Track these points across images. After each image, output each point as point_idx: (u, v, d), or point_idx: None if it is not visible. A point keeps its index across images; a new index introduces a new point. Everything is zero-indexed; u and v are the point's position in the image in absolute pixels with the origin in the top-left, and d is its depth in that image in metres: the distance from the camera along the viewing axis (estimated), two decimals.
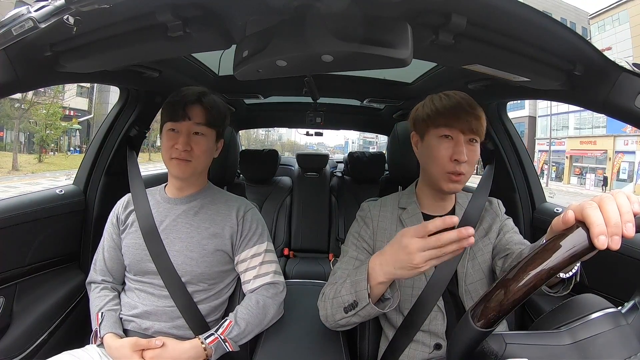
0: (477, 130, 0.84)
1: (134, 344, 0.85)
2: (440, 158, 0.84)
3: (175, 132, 0.94)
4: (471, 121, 0.82)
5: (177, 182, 1.01)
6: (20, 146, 14.46)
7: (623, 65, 0.68)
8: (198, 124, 0.94)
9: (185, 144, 0.92)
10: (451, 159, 0.83)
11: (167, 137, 0.95)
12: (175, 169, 0.95)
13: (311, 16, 0.56)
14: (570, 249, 0.42)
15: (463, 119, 0.82)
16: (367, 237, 0.92)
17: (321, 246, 2.34)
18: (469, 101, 0.85)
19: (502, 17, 0.61)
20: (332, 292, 0.80)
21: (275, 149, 2.48)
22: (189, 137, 0.93)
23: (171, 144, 0.93)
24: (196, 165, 0.96)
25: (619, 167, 17.65)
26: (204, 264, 0.95)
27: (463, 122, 0.82)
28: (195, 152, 0.94)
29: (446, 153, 0.83)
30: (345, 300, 0.75)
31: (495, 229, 0.91)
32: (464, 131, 0.83)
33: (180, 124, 0.93)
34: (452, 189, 0.86)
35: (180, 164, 0.94)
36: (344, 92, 1.84)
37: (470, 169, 0.85)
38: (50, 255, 1.17)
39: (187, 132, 0.93)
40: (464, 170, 0.83)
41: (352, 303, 0.73)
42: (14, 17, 0.57)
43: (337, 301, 0.77)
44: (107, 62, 0.83)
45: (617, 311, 0.47)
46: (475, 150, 0.85)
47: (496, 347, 0.45)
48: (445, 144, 0.84)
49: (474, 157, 0.85)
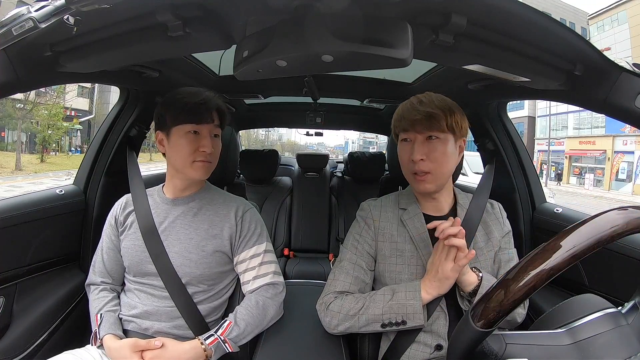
0: (433, 126, 0.83)
1: (134, 345, 0.84)
2: (402, 161, 0.89)
3: (196, 134, 0.94)
4: (421, 120, 0.83)
5: (183, 183, 1.00)
6: (21, 146, 14.43)
7: (623, 65, 0.68)
8: (216, 126, 0.97)
9: (211, 147, 0.94)
10: (409, 160, 0.86)
11: (186, 140, 0.93)
12: (199, 172, 0.95)
13: (311, 16, 0.55)
14: (571, 249, 0.42)
15: (413, 120, 0.84)
16: (369, 239, 0.92)
17: (321, 246, 2.34)
18: (424, 101, 0.86)
19: (502, 17, 0.61)
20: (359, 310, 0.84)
21: (275, 149, 2.48)
22: (211, 139, 0.95)
23: (193, 147, 0.93)
24: (214, 166, 0.99)
25: (618, 167, 17.66)
26: (203, 265, 0.95)
27: (414, 123, 0.85)
28: (215, 154, 0.97)
29: (405, 155, 0.87)
30: (386, 318, 0.82)
31: (497, 235, 0.92)
32: (418, 131, 0.85)
33: (204, 127, 0.94)
34: (422, 189, 0.87)
35: (205, 166, 0.95)
36: (344, 92, 1.84)
37: (436, 165, 0.85)
38: (51, 255, 1.17)
39: (208, 134, 0.95)
40: (427, 168, 0.84)
41: (397, 322, 0.81)
42: (14, 17, 0.57)
43: (373, 318, 0.83)
44: (107, 62, 0.83)
45: (617, 311, 0.47)
46: (435, 146, 0.84)
47: (496, 347, 0.45)
48: (405, 147, 0.88)
49: (437, 154, 0.84)
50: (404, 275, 0.88)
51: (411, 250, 0.89)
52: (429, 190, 0.87)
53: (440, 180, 0.87)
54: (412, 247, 0.89)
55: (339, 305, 0.86)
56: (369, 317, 0.83)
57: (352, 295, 0.88)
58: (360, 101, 2.00)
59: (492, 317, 0.43)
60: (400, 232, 0.91)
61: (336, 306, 0.86)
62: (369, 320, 0.83)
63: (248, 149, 2.42)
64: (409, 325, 0.81)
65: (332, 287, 0.90)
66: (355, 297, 0.87)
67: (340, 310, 0.85)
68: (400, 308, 0.81)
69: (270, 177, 2.37)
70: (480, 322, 0.43)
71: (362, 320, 0.84)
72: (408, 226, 0.90)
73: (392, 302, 0.82)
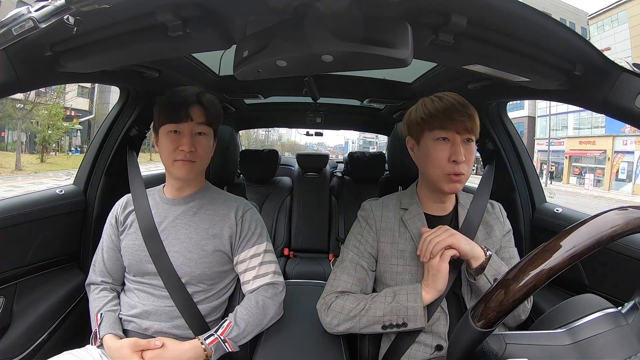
0: (471, 129, 0.84)
1: (134, 345, 0.84)
2: (439, 160, 0.85)
3: (177, 133, 0.93)
4: (465, 121, 0.83)
5: (177, 183, 1.01)
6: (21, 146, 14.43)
7: (623, 66, 0.68)
8: (200, 124, 0.94)
9: (190, 145, 0.92)
10: (449, 160, 0.84)
11: (168, 140, 0.94)
12: (180, 171, 0.94)
13: (311, 16, 0.55)
14: (571, 249, 0.42)
15: (457, 120, 0.83)
16: (371, 239, 0.92)
17: (321, 246, 2.34)
18: (461, 101, 0.85)
19: (502, 17, 0.61)
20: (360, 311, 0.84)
21: (275, 149, 2.48)
22: (192, 138, 0.93)
23: (174, 146, 0.93)
24: (200, 165, 0.97)
25: (617, 167, 17.66)
26: (203, 264, 0.95)
27: (457, 123, 0.83)
28: (199, 152, 0.94)
29: (444, 155, 0.84)
30: (387, 319, 0.82)
31: (498, 235, 0.92)
32: (459, 132, 0.84)
33: (183, 125, 0.93)
34: (453, 189, 0.86)
35: (186, 165, 0.94)
36: (344, 92, 1.84)
37: (469, 168, 0.86)
38: (51, 255, 1.17)
39: (189, 132, 0.93)
40: (463, 170, 0.84)
41: (398, 324, 0.82)
42: (14, 17, 0.57)
43: (375, 320, 0.83)
44: (107, 62, 0.83)
45: (617, 311, 0.47)
46: (471, 149, 0.86)
47: (496, 347, 0.45)
48: (441, 146, 0.85)
49: (471, 156, 0.86)
50: (404, 276, 0.88)
51: (412, 251, 0.89)
52: (458, 190, 0.88)
53: (466, 181, 0.88)
54: (413, 247, 0.89)
55: (340, 305, 0.86)
56: (369, 318, 0.83)
57: (354, 295, 0.88)
58: (360, 101, 2.00)
59: (492, 317, 0.43)
60: (402, 232, 0.91)
61: (337, 306, 0.86)
62: (370, 322, 0.83)
63: (248, 149, 2.42)
64: (409, 327, 0.81)
65: (333, 287, 0.90)
66: (357, 297, 0.87)
67: (341, 310, 0.86)
68: (401, 310, 0.81)
69: (270, 177, 2.37)
70: (480, 322, 0.43)
71: (363, 322, 0.84)
72: (409, 226, 0.90)
73: (393, 303, 0.82)
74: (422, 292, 0.82)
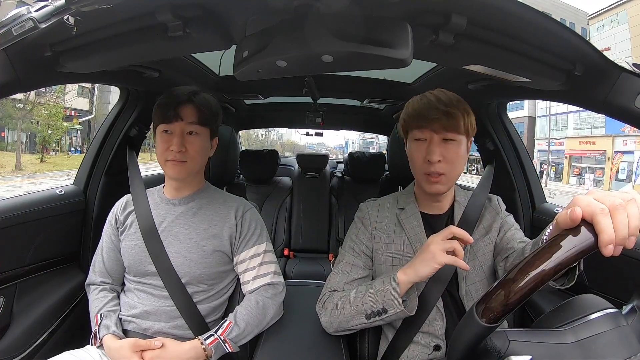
0: (451, 127, 0.81)
1: (134, 345, 0.85)
2: (415, 161, 0.85)
3: (168, 133, 0.93)
4: (441, 119, 0.81)
5: (174, 183, 1.01)
6: (21, 146, 14.43)
7: (623, 66, 0.68)
8: (191, 124, 0.94)
9: (180, 145, 0.92)
10: (425, 161, 0.83)
11: (160, 140, 0.94)
12: (171, 170, 0.94)
13: (311, 16, 0.55)
14: (571, 249, 0.42)
15: (432, 119, 0.81)
16: (365, 240, 0.92)
17: (321, 246, 2.34)
18: (443, 99, 0.83)
19: (502, 17, 0.61)
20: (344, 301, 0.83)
21: (275, 149, 2.48)
22: (182, 138, 0.93)
23: (165, 146, 0.93)
24: (192, 165, 0.96)
25: (617, 167, 17.66)
26: (203, 265, 0.95)
27: (433, 122, 0.81)
28: (190, 152, 0.94)
29: (420, 155, 0.84)
30: (367, 307, 0.80)
31: (496, 227, 0.90)
32: (435, 130, 0.82)
33: (173, 125, 0.93)
34: (434, 190, 0.85)
35: (176, 165, 0.93)
36: (344, 93, 1.84)
37: (450, 167, 0.83)
38: (50, 255, 1.17)
39: (180, 132, 0.93)
40: (442, 170, 0.82)
41: (379, 310, 0.79)
42: (14, 17, 0.57)
43: (356, 309, 0.81)
44: (107, 62, 0.83)
45: (618, 311, 0.47)
46: (452, 148, 0.83)
47: (499, 344, 0.45)
48: (419, 146, 0.85)
49: (452, 155, 0.83)
50: None
51: (407, 251, 0.89)
52: (441, 191, 0.86)
53: (452, 181, 0.86)
54: (409, 247, 0.89)
55: (330, 301, 0.86)
56: (352, 308, 0.82)
57: (342, 291, 0.87)
58: (360, 101, 2.00)
59: (495, 314, 0.43)
60: (397, 232, 0.91)
61: (329, 303, 0.87)
62: (353, 312, 0.81)
63: (248, 149, 2.42)
64: (390, 312, 0.78)
65: (328, 288, 0.90)
66: (344, 292, 0.86)
67: (331, 306, 0.85)
68: (378, 294, 0.79)
69: (270, 177, 2.37)
70: (484, 319, 0.43)
71: (347, 313, 0.82)
72: (405, 226, 0.90)
73: (371, 289, 0.80)
74: (397, 273, 0.78)
